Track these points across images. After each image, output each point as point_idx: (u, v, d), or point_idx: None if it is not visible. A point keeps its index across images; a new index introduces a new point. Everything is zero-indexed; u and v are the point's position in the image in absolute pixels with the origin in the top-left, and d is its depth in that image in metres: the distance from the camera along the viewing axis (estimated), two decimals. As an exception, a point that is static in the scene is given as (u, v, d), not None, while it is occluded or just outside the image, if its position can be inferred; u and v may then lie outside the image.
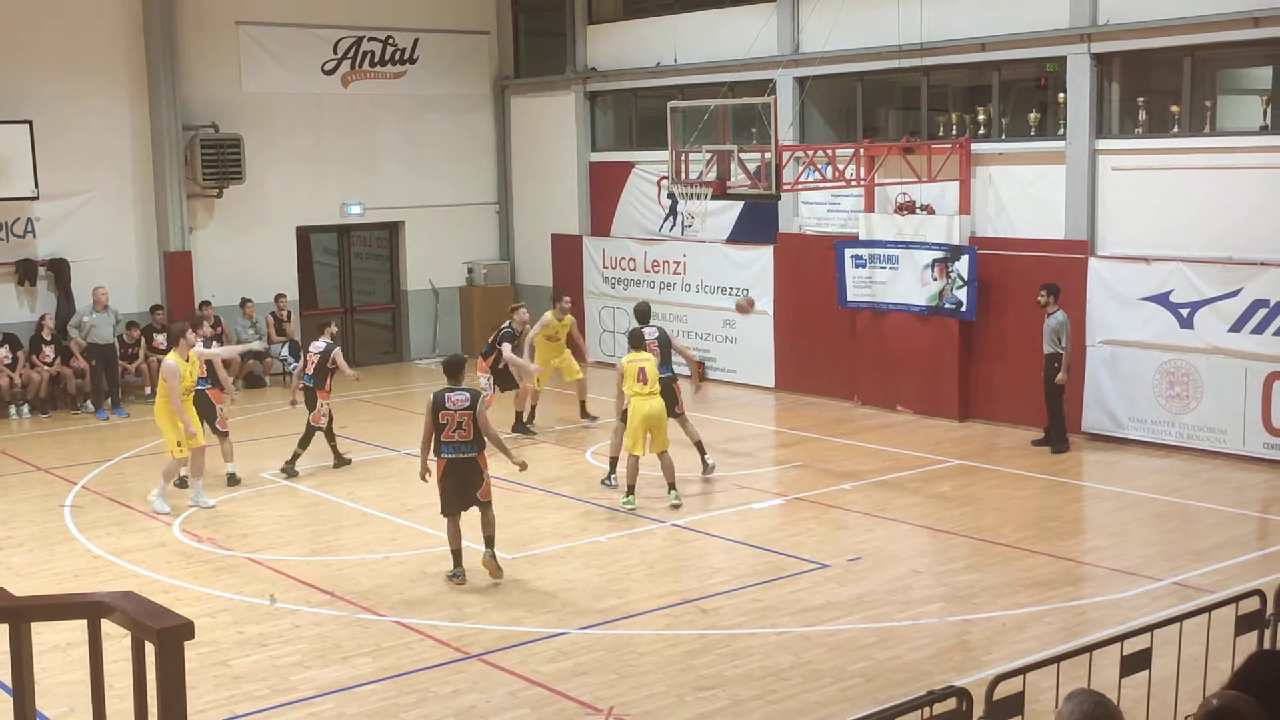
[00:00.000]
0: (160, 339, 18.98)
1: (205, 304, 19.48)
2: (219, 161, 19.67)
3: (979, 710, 5.48)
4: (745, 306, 16.76)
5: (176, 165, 19.51)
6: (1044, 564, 10.81)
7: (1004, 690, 5.55)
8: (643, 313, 14.73)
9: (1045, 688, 5.98)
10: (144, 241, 19.74)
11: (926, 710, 5.32)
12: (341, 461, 14.74)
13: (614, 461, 13.44)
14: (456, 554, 10.65)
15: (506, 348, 15.89)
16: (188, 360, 12.85)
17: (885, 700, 7.63)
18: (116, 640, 4.28)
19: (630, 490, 12.76)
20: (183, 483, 13.44)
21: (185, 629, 3.89)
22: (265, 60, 20.55)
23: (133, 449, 15.84)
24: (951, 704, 5.40)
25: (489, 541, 10.63)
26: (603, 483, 13.56)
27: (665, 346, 13.79)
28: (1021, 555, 11.06)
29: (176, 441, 12.67)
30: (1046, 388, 14.72)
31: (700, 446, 13.83)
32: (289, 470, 14.33)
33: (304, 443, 14.49)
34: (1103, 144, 15.29)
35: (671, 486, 12.80)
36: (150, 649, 3.94)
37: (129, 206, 19.60)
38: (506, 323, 16.27)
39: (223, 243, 20.29)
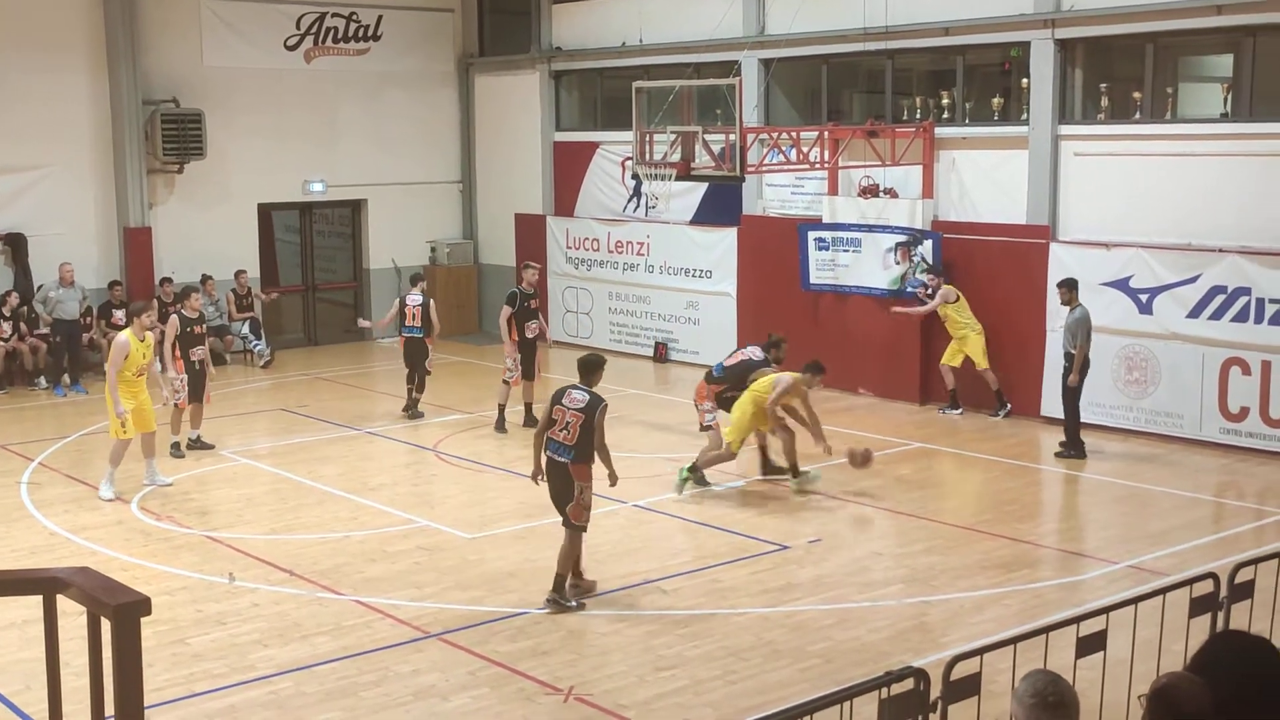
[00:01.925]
0: (119, 315, 18.81)
1: (166, 280, 19.31)
2: (180, 137, 19.45)
3: (936, 690, 5.52)
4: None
5: (136, 140, 19.29)
6: (1002, 546, 10.90)
7: (961, 671, 5.59)
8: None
9: (1002, 668, 6.03)
10: (103, 217, 19.51)
11: (884, 690, 5.35)
12: (414, 411, 15.93)
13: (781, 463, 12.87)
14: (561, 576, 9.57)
15: (505, 312, 15.24)
16: (143, 340, 12.67)
17: (844, 681, 7.67)
18: (73, 617, 4.24)
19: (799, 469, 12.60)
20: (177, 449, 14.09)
21: (142, 605, 3.85)
22: (227, 35, 20.33)
23: (91, 426, 15.66)
24: (909, 684, 5.43)
25: (556, 581, 9.46)
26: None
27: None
28: (980, 538, 11.14)
29: (120, 423, 12.53)
30: (1066, 389, 13.90)
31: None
32: (413, 413, 15.92)
33: (420, 387, 16.03)
34: (1065, 129, 15.38)
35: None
36: (106, 625, 3.90)
37: (88, 181, 19.36)
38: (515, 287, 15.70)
39: (183, 219, 20.09)
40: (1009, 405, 15.63)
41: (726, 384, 12.99)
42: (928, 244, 16.25)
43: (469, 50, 22.84)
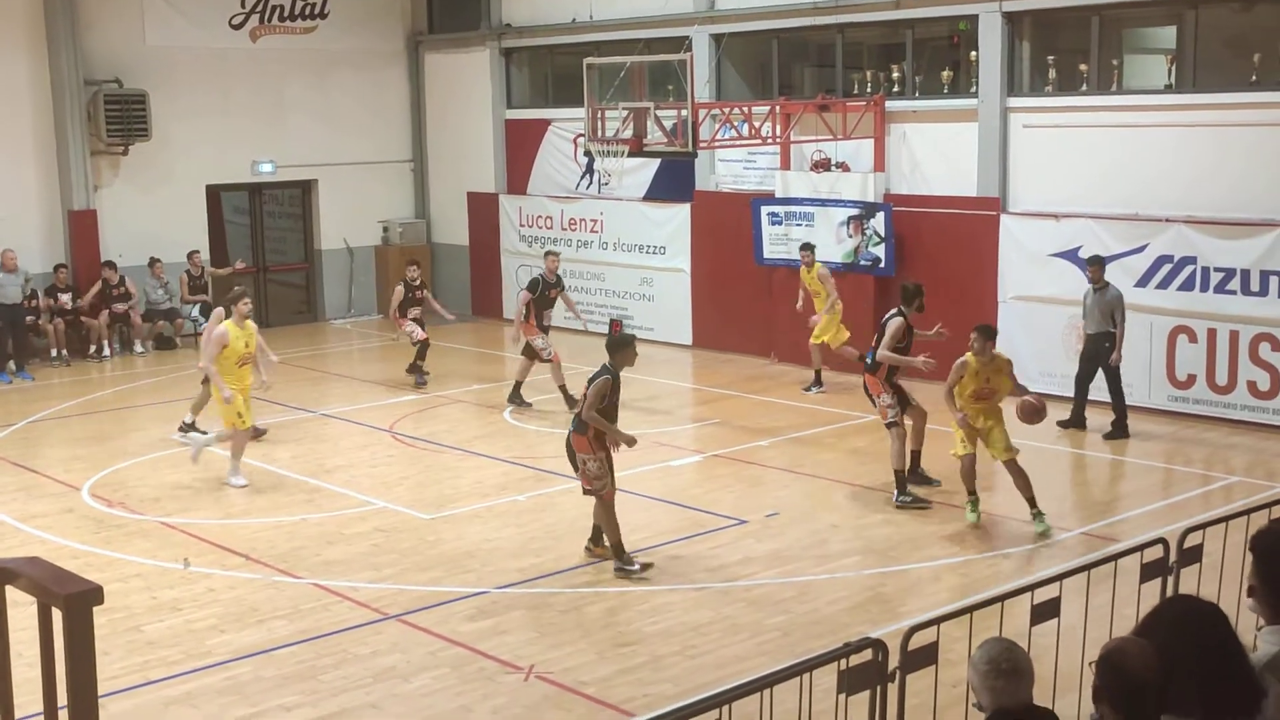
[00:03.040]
0: (65, 299, 18.60)
1: (108, 264, 19.07)
2: (124, 118, 19.17)
3: (894, 661, 5.57)
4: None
5: (79, 121, 18.98)
6: (957, 517, 10.97)
7: (918, 641, 5.65)
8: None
9: (958, 637, 6.09)
10: (46, 200, 19.20)
11: (843, 662, 5.40)
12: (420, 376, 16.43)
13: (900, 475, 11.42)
14: (594, 529, 10.07)
15: (523, 296, 15.16)
16: (243, 328, 12.33)
17: (803, 653, 7.73)
18: (24, 607, 4.19)
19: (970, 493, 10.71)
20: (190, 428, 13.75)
21: (93, 594, 3.81)
22: (169, 13, 20.02)
23: (37, 413, 15.48)
24: (867, 655, 5.48)
25: (613, 550, 9.70)
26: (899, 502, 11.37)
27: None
28: (936, 508, 11.22)
29: (238, 413, 12.19)
30: (1086, 368, 13.65)
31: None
32: (419, 381, 16.41)
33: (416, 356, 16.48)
34: (1014, 102, 15.48)
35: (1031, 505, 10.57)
36: (58, 615, 3.85)
37: (29, 164, 19.04)
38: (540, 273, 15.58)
39: (129, 201, 19.82)
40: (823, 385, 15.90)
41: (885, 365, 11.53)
42: (880, 217, 16.33)
43: (418, 28, 22.64)
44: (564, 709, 7.57)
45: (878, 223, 16.36)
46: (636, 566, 9.68)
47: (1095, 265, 13.61)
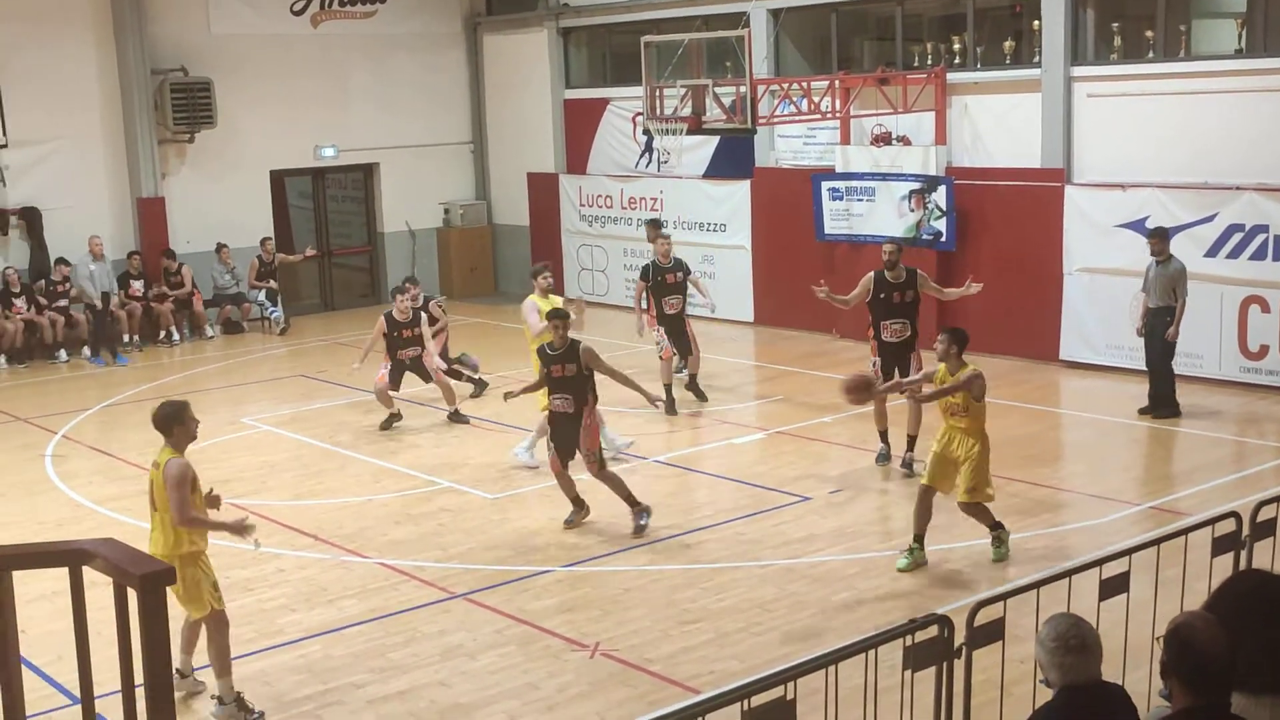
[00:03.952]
0: (136, 285, 18.94)
1: (167, 253, 19.36)
2: (189, 106, 19.43)
3: (960, 637, 5.54)
4: None
5: (146, 110, 19.27)
6: (1024, 491, 10.89)
7: (985, 616, 5.62)
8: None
9: (1026, 613, 6.04)
10: (116, 188, 19.53)
11: (909, 638, 5.38)
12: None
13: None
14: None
15: (638, 286, 14.54)
16: (547, 300, 12.37)
17: (868, 629, 7.71)
18: (102, 588, 4.28)
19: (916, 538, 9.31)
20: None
21: (167, 574, 3.89)
22: (233, 2, 20.24)
23: (112, 397, 15.78)
24: (933, 631, 5.46)
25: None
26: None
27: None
28: (1001, 483, 11.06)
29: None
30: (1158, 347, 13.00)
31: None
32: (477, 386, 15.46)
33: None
34: (1078, 71, 15.23)
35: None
36: (134, 595, 3.94)
37: (99, 152, 19.37)
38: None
39: (196, 188, 20.10)
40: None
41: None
42: (942, 190, 16.17)
43: (476, 10, 22.70)
44: (629, 686, 7.61)
45: (940, 196, 16.20)
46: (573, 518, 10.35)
47: (1158, 238, 13.08)
